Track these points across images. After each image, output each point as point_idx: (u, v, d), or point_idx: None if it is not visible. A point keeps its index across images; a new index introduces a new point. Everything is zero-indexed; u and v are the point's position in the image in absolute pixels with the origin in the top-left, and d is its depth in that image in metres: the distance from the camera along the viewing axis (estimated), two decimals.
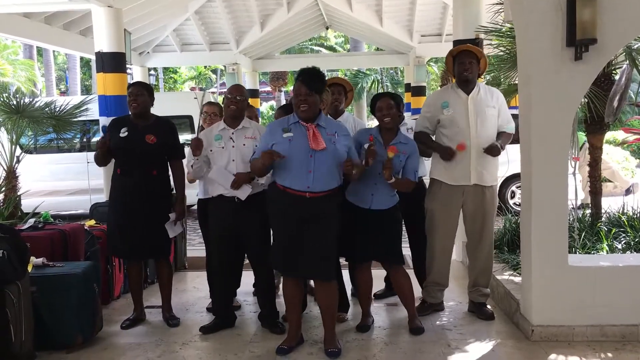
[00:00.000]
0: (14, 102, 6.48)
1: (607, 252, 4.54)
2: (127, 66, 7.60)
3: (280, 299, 4.27)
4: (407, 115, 5.28)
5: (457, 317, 4.34)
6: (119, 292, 5.04)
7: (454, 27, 6.68)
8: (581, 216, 5.20)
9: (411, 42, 13.82)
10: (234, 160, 4.01)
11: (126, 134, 4.15)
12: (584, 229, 4.85)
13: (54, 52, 23.50)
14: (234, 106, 4.05)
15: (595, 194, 5.34)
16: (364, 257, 4.05)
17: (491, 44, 5.80)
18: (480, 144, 4.14)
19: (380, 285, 4.74)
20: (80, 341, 3.84)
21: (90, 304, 3.92)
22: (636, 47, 4.79)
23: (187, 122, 9.13)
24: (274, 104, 29.48)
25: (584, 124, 5.35)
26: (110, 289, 4.89)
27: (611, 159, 9.91)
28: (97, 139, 4.20)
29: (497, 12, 5.64)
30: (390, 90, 20.85)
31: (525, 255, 3.94)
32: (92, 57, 8.33)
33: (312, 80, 3.56)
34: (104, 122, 6.30)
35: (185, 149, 4.42)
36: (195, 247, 6.89)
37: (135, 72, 13.60)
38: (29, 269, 3.65)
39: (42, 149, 8.94)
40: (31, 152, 8.28)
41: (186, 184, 4.42)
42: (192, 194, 4.85)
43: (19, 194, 6.55)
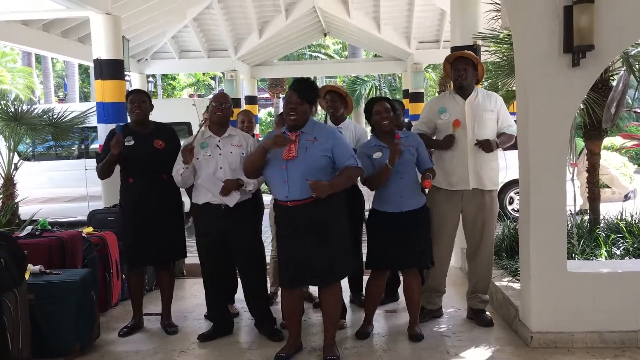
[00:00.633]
0: (12, 110, 6.48)
1: (605, 258, 4.53)
2: (125, 73, 7.60)
3: (277, 307, 4.26)
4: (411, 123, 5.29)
5: (456, 323, 4.33)
6: (116, 300, 5.03)
7: (451, 33, 6.70)
8: (580, 222, 5.19)
9: (409, 48, 13.85)
10: (221, 167, 4.01)
11: (133, 142, 4.17)
12: (583, 235, 4.85)
13: (53, 59, 23.52)
14: (220, 113, 4.07)
15: (593, 200, 5.34)
16: (387, 265, 4.04)
17: (489, 51, 5.82)
18: (477, 148, 4.14)
19: None
20: (77, 349, 3.83)
21: (88, 311, 3.90)
22: (633, 53, 4.80)
23: (185, 128, 9.13)
24: (272, 110, 29.49)
25: (582, 130, 5.36)
26: (108, 296, 4.87)
27: (609, 164, 9.91)
28: (112, 141, 4.09)
29: (494, 18, 5.65)
30: (388, 96, 20.87)
31: (524, 261, 3.93)
32: (91, 64, 8.33)
33: (304, 89, 3.58)
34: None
35: None
36: (193, 254, 6.84)
37: (133, 79, 13.60)
38: (27, 276, 3.64)
39: (40, 156, 8.93)
40: (29, 159, 8.28)
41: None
42: (189, 201, 4.83)
43: (16, 201, 6.55)
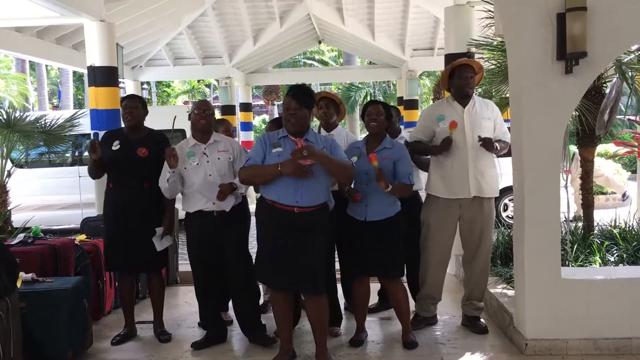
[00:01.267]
0: (5, 116, 6.45)
1: (599, 265, 4.54)
2: (119, 80, 7.58)
3: (271, 314, 4.24)
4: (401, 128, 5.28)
5: (450, 330, 4.33)
6: (109, 308, 5.00)
7: (445, 41, 6.73)
8: (574, 229, 5.20)
9: (403, 55, 13.89)
10: (210, 175, 3.99)
11: (118, 147, 4.16)
12: (577, 242, 4.85)
13: (47, 66, 23.47)
14: (203, 121, 4.07)
15: (587, 207, 5.35)
16: (361, 271, 4.02)
17: (482, 58, 5.84)
18: (477, 156, 4.15)
19: (373, 298, 4.71)
20: (70, 357, 3.79)
21: (80, 319, 3.88)
22: (626, 60, 4.82)
23: (179, 135, 9.10)
24: (266, 117, 29.50)
25: (576, 137, 5.37)
26: (101, 304, 4.84)
27: (602, 167, 9.96)
28: (88, 147, 4.14)
29: (487, 26, 5.67)
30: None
31: (518, 268, 3.93)
32: (85, 71, 8.31)
33: (301, 95, 3.59)
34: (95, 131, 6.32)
35: None
36: (187, 262, 6.81)
37: (128, 86, 13.58)
38: (19, 284, 3.61)
39: (33, 163, 8.88)
40: (22, 166, 8.23)
41: (179, 197, 4.39)
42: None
43: (9, 208, 6.50)
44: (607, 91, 4.95)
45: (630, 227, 5.23)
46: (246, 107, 16.64)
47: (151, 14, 9.81)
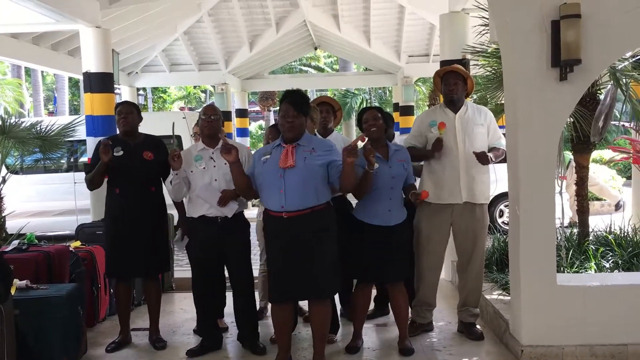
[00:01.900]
0: (0, 122, 6.43)
1: (595, 271, 4.54)
2: (115, 86, 7.57)
3: (267, 321, 4.24)
4: (396, 134, 5.30)
5: (446, 337, 4.32)
6: (104, 315, 4.97)
7: (440, 47, 6.75)
8: (569, 235, 5.21)
9: (399, 62, 13.95)
10: (216, 179, 3.99)
11: (121, 153, 4.16)
12: (572, 248, 4.85)
13: (43, 72, 23.43)
14: (209, 125, 4.07)
15: (582, 213, 5.36)
16: (372, 277, 4.04)
17: (477, 64, 5.86)
18: (468, 162, 4.15)
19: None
20: None
21: (74, 326, 3.86)
22: (620, 67, 4.84)
23: (175, 141, 9.10)
24: (262, 123, 29.51)
25: (571, 143, 5.38)
26: (95, 311, 4.81)
27: (597, 175, 9.97)
28: (100, 148, 4.05)
29: (482, 32, 5.70)
30: None
31: (514, 274, 3.93)
32: (80, 78, 8.31)
33: (299, 101, 3.57)
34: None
35: None
36: (182, 268, 6.81)
37: (123, 92, 13.59)
38: (13, 291, 3.59)
39: (28, 170, 8.86)
40: (17, 173, 8.21)
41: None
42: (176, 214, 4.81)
43: (3, 214, 6.48)
44: (601, 98, 4.97)
45: (625, 233, 5.24)
46: (242, 113, 16.67)
47: (147, 20, 9.83)
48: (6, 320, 3.36)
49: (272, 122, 23.10)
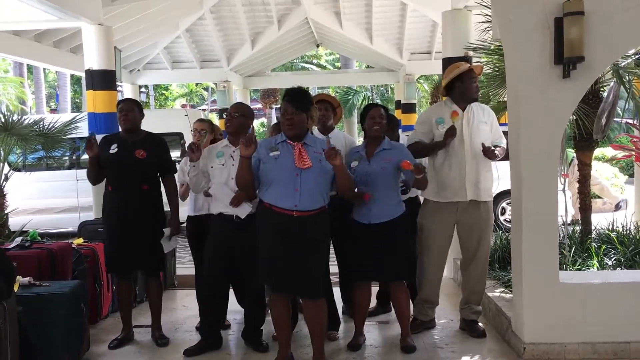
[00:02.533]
0: (2, 120, 6.44)
1: (597, 269, 4.54)
2: (117, 84, 7.58)
3: (269, 318, 4.23)
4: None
5: (448, 334, 4.32)
6: (107, 312, 4.98)
7: (443, 45, 6.73)
8: (571, 233, 5.20)
9: (401, 59, 13.93)
10: (232, 178, 3.95)
11: (116, 150, 4.18)
12: (574, 246, 4.85)
13: (45, 69, 23.45)
14: (228, 123, 4.08)
15: (585, 211, 5.35)
16: (364, 276, 4.01)
17: (480, 62, 5.85)
18: (474, 159, 4.15)
19: (372, 302, 4.70)
20: None
21: (77, 323, 3.86)
22: (623, 64, 4.83)
23: (177, 139, 9.12)
24: (264, 121, 29.49)
25: (573, 141, 5.38)
26: (98, 308, 4.82)
27: (600, 175, 9.95)
28: (86, 143, 4.15)
29: (485, 30, 5.69)
30: None
31: (516, 272, 3.93)
32: (83, 75, 8.31)
33: (298, 99, 3.57)
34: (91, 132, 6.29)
35: (176, 165, 4.48)
36: (185, 265, 6.83)
37: (125, 90, 13.58)
38: (15, 288, 3.60)
39: (30, 167, 8.86)
40: (20, 170, 8.22)
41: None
42: (182, 211, 4.81)
43: (6, 212, 6.49)
44: (604, 95, 4.96)
45: (627, 231, 5.23)
46: None
47: (149, 18, 9.82)
48: (9, 317, 3.37)
49: (274, 119, 23.07)
